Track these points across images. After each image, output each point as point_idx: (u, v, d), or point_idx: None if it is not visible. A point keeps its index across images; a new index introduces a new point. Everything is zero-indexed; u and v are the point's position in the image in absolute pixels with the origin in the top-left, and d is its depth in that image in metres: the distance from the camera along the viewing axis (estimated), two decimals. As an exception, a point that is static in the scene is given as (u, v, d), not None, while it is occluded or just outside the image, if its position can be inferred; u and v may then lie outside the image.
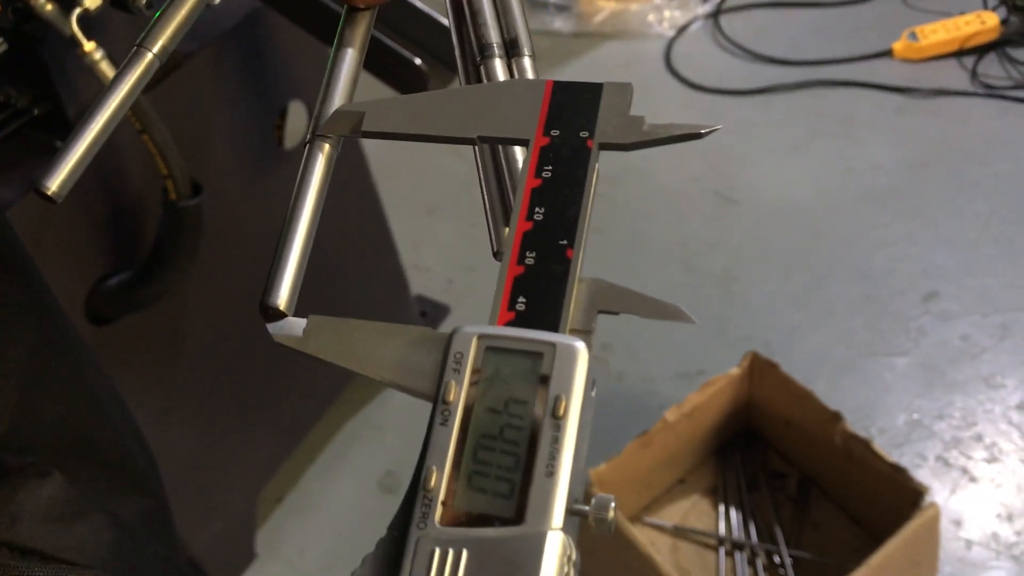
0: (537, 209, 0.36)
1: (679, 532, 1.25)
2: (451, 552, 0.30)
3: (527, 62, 0.44)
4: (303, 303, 0.43)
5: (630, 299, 0.36)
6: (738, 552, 1.23)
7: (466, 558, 0.30)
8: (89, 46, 0.78)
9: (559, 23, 2.05)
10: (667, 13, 2.02)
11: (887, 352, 1.43)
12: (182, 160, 0.86)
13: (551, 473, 0.31)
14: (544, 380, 0.32)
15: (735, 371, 1.24)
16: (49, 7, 0.81)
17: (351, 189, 1.30)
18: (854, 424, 1.17)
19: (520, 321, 0.34)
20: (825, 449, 1.20)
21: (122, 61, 0.83)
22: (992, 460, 1.30)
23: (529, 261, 0.35)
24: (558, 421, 0.31)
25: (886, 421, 1.36)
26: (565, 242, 0.35)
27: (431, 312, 1.60)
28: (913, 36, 1.86)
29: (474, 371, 0.33)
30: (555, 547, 0.30)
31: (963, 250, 1.54)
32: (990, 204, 1.61)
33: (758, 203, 1.68)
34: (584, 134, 0.37)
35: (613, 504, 0.31)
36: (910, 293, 1.50)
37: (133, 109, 0.84)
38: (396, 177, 1.78)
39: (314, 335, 0.35)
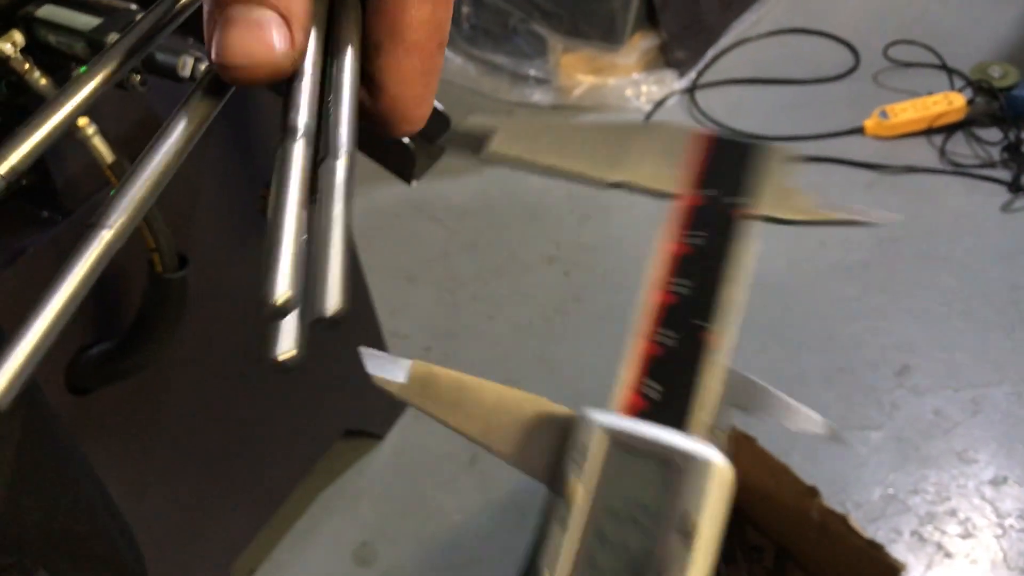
0: (680, 281, 0.31)
1: (656, 607, 1.24)
2: None
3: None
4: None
5: (770, 400, 0.32)
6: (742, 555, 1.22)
7: None
8: (83, 121, 0.79)
9: (538, 96, 2.09)
10: (644, 88, 2.07)
11: (861, 426, 1.45)
12: (169, 233, 0.87)
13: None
14: (672, 494, 0.29)
15: (712, 444, 1.25)
16: (44, 82, 0.82)
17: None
18: (829, 498, 1.17)
19: (653, 411, 0.31)
20: (802, 523, 1.21)
21: (113, 137, 0.84)
22: (967, 535, 1.31)
23: (667, 341, 0.31)
24: (687, 540, 0.28)
25: (861, 495, 1.37)
26: (701, 323, 0.30)
27: (409, 380, 1.60)
28: (884, 114, 1.91)
29: (597, 470, 0.29)
30: None
31: (933, 324, 1.57)
32: (959, 279, 1.64)
33: (733, 275, 1.70)
34: (743, 200, 0.31)
35: None
36: (883, 367, 1.52)
37: (117, 175, 0.85)
38: (374, 242, 1.79)
39: (417, 386, 0.32)
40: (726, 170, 0.32)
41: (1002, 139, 1.85)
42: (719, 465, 0.29)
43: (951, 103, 1.89)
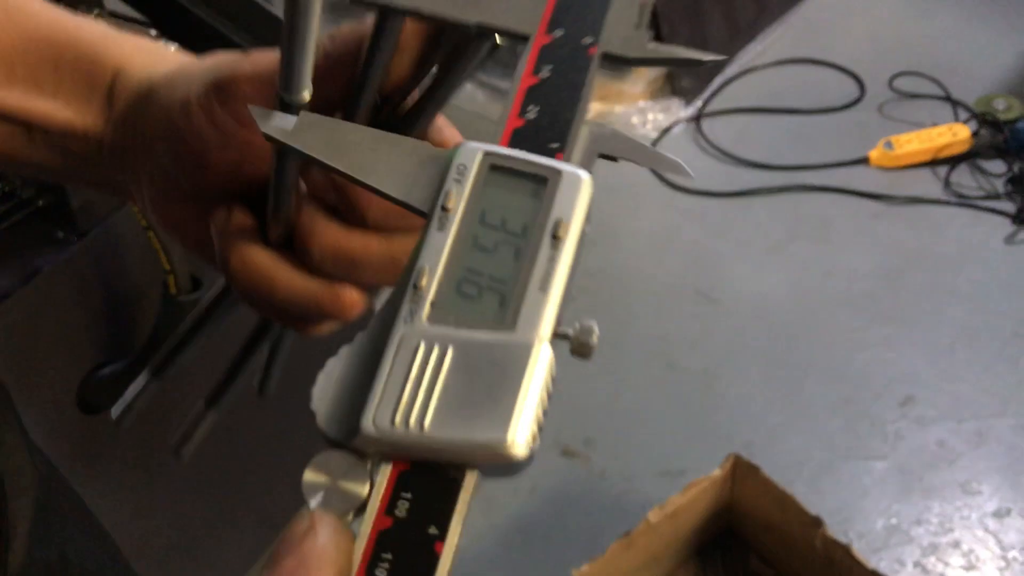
0: (530, 107, 0.34)
1: (659, 634, 1.24)
2: (436, 348, 0.29)
3: None
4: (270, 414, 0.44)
5: (629, 146, 0.35)
6: None
7: (452, 355, 0.29)
8: (102, 145, 0.80)
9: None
10: (651, 116, 2.08)
11: (865, 456, 1.45)
12: (184, 255, 0.88)
13: (544, 289, 0.30)
14: (546, 203, 0.31)
15: (717, 473, 1.25)
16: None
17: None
18: (833, 527, 1.18)
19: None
20: (806, 553, 1.21)
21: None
22: (970, 567, 1.31)
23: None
24: (557, 242, 0.31)
25: (865, 525, 1.37)
26: (556, 145, 0.34)
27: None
28: (889, 145, 1.92)
29: (475, 184, 0.32)
30: (545, 357, 0.30)
31: (938, 356, 1.58)
32: (964, 311, 1.64)
33: (738, 303, 1.71)
34: (588, 40, 0.35)
35: (596, 330, 0.31)
36: (887, 397, 1.53)
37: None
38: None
39: (305, 131, 0.33)
40: (574, 14, 0.35)
41: (1006, 171, 1.86)
42: (586, 179, 0.32)
43: (955, 135, 1.90)
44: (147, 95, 0.39)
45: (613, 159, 0.35)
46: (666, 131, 2.08)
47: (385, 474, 0.28)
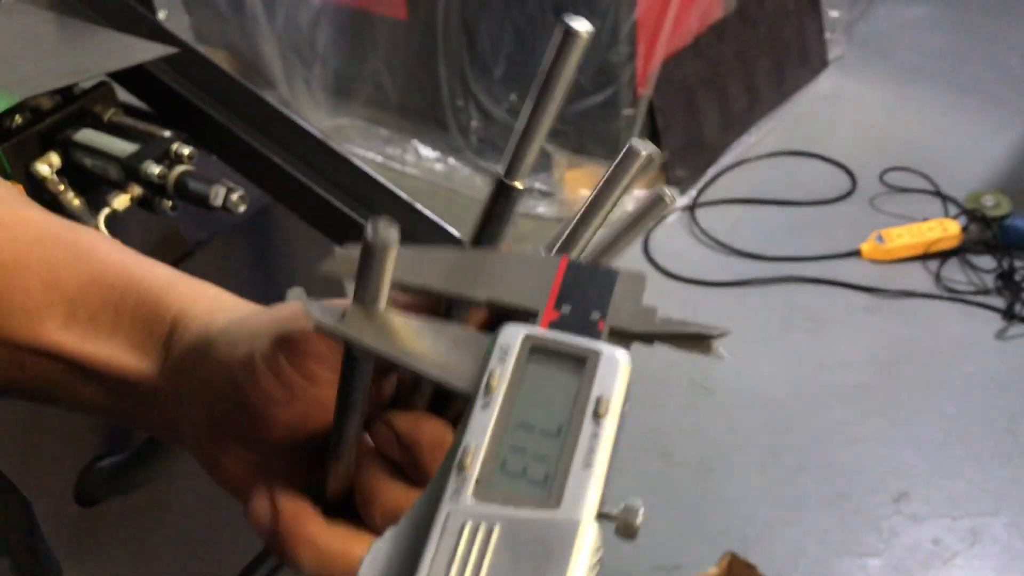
0: None
1: None
2: (483, 526, 0.29)
3: None
4: None
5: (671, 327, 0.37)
6: None
7: (498, 533, 0.29)
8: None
9: (543, 208, 2.14)
10: (646, 204, 2.11)
11: (860, 552, 1.45)
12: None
13: (588, 465, 0.31)
14: (586, 382, 0.32)
15: (714, 572, 1.25)
16: (76, 202, 0.84)
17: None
18: (830, 630, 1.17)
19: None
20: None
21: (139, 250, 0.86)
22: (966, 670, 1.30)
23: None
24: (598, 420, 0.32)
25: (860, 624, 1.36)
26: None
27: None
28: (880, 238, 1.95)
29: (517, 365, 0.32)
30: (590, 536, 0.30)
31: (932, 451, 1.58)
32: (957, 406, 1.65)
33: (733, 394, 1.72)
34: (596, 315, 0.36)
35: (642, 510, 0.31)
36: (881, 492, 1.53)
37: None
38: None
39: (354, 322, 0.33)
40: (581, 291, 0.37)
41: (996, 267, 1.89)
42: (625, 358, 0.33)
43: (946, 230, 1.94)
44: (206, 347, 0.39)
45: (650, 342, 0.37)
46: (661, 220, 2.11)
47: None
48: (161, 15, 1.65)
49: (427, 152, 2.28)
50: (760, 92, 2.32)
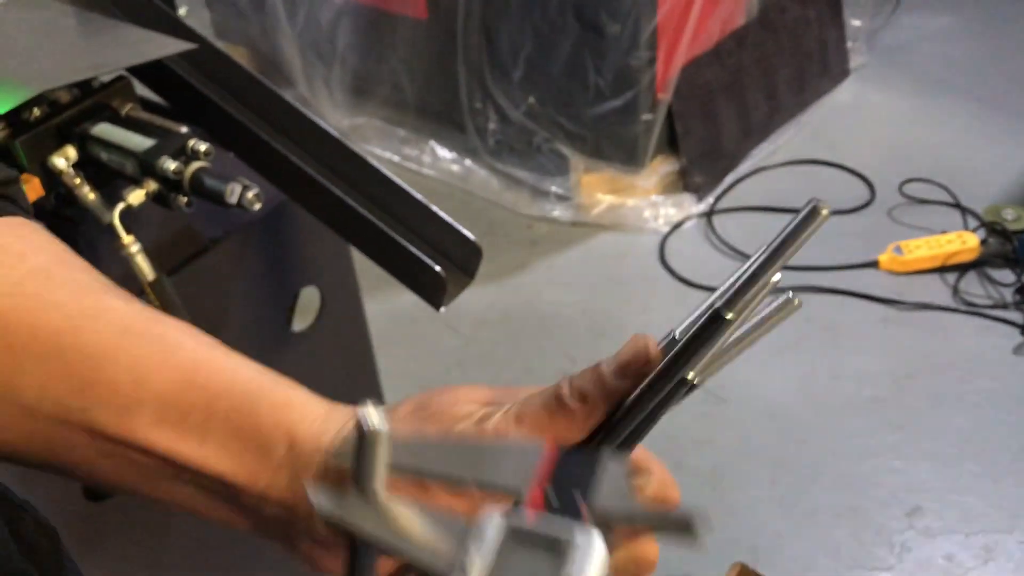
0: None
1: None
2: None
3: None
4: None
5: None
6: None
7: None
8: (128, 239, 0.81)
9: (559, 211, 2.13)
10: (663, 210, 2.10)
11: (871, 566, 1.43)
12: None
13: None
14: (562, 568, 0.33)
15: (722, 581, 1.24)
16: (92, 196, 0.84)
17: (352, 366, 1.31)
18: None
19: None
20: (811, 669, 1.19)
21: (153, 255, 0.86)
22: None
23: None
24: None
25: (870, 639, 1.35)
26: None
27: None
28: (898, 250, 1.93)
29: (497, 550, 0.34)
30: None
31: (946, 466, 1.57)
32: (972, 421, 1.64)
33: (747, 403, 1.70)
34: (579, 499, 0.38)
35: None
36: (894, 506, 1.51)
37: (156, 292, 0.87)
38: (391, 347, 1.80)
39: (353, 509, 0.36)
40: (566, 472, 0.39)
41: (1015, 281, 1.87)
42: (599, 546, 0.34)
43: (964, 243, 1.92)
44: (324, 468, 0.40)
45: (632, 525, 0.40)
46: (677, 226, 2.10)
47: None
48: (181, 11, 1.65)
49: (444, 153, 2.28)
50: (780, 100, 2.31)
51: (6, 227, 0.45)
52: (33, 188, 0.84)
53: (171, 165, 0.82)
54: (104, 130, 0.86)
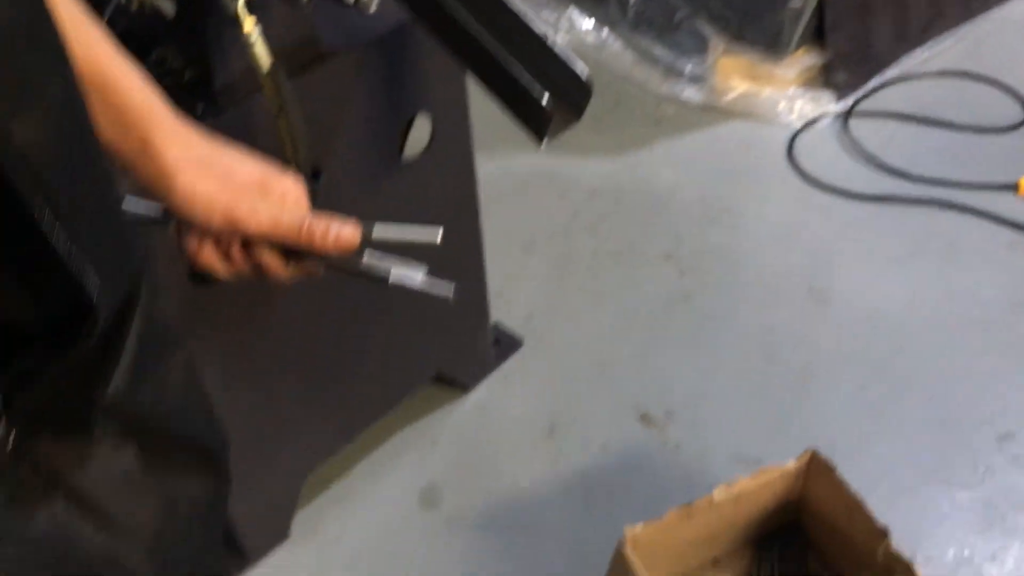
0: None
1: (702, 611, 1.24)
2: None
3: None
4: (387, 298, 0.45)
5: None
6: None
7: None
8: (249, 26, 0.83)
9: (689, 93, 2.08)
10: (798, 104, 2.03)
11: (951, 482, 1.41)
12: (308, 146, 0.91)
13: None
14: None
15: (791, 465, 1.24)
16: (220, -15, 0.86)
17: (456, 205, 1.33)
18: (900, 545, 1.15)
19: None
20: (866, 562, 1.19)
21: (275, 46, 0.88)
22: (1037, 615, 1.27)
23: None
24: None
25: (934, 551, 1.33)
26: None
27: (504, 342, 1.63)
28: (1042, 176, 1.83)
29: None
30: None
31: (1050, 398, 1.51)
32: (1087, 358, 1.57)
33: (850, 307, 1.67)
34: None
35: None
36: (985, 429, 1.47)
37: (272, 81, 0.88)
38: (499, 207, 1.82)
39: None
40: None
41: None
42: None
43: (1118, 177, 1.80)
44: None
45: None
46: (811, 123, 2.03)
47: None
48: None
49: (582, 22, 2.24)
50: (944, 6, 2.17)
51: None
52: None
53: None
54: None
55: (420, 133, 1.20)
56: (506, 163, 1.94)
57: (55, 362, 0.37)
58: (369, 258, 0.70)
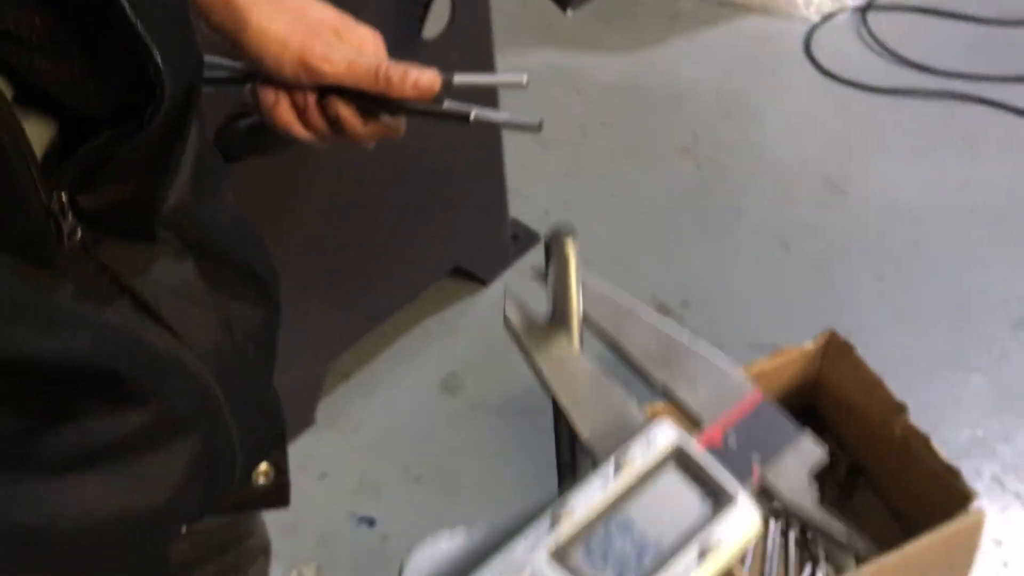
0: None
1: (720, 488, 1.27)
2: None
3: None
4: (409, 190, 0.46)
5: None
6: (773, 520, 1.24)
7: None
8: None
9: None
10: (816, -2, 2.00)
11: (965, 367, 1.42)
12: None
13: None
14: (711, 518, 0.32)
15: (810, 346, 1.25)
16: None
17: (475, 93, 1.33)
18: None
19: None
20: (882, 440, 1.21)
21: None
22: (1048, 492, 1.29)
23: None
24: (701, 560, 0.31)
25: (949, 433, 1.35)
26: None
27: (522, 237, 1.63)
28: (1065, 67, 1.81)
29: (657, 461, 0.33)
30: None
31: (1065, 286, 1.52)
32: (1103, 247, 1.57)
33: (867, 198, 1.67)
34: (755, 461, 0.38)
35: None
36: (1000, 314, 1.48)
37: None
38: (516, 104, 1.81)
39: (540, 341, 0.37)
40: (756, 429, 0.37)
41: None
42: (756, 519, 0.33)
43: None
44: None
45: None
46: (829, 17, 2.00)
47: None
48: None
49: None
50: None
51: None
52: None
53: None
54: None
55: (440, 11, 1.19)
56: (522, 60, 1.92)
57: (120, 150, 0.38)
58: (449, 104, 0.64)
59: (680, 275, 1.56)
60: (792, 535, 1.23)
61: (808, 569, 1.20)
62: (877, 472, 1.26)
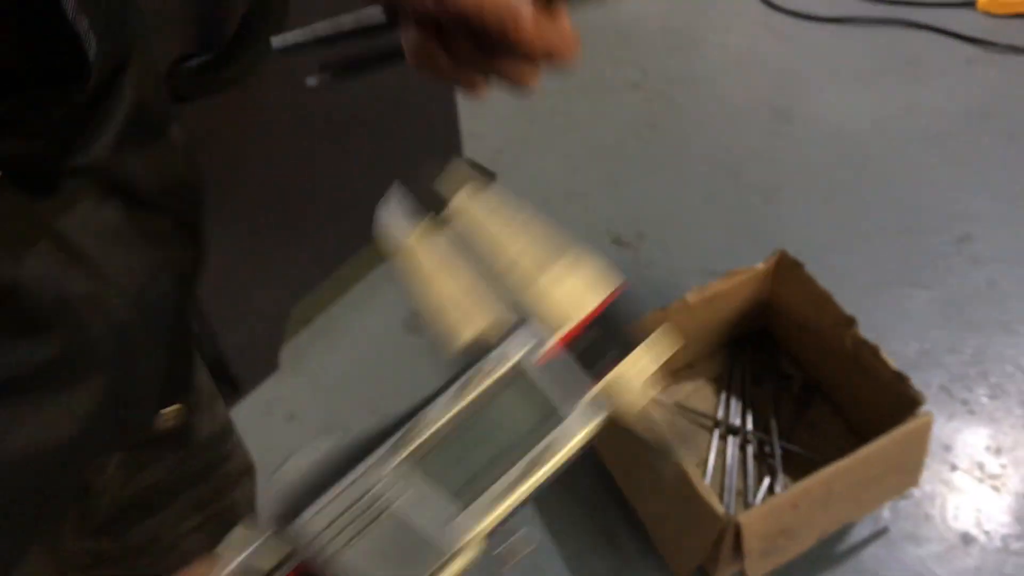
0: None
1: (678, 408, 1.31)
2: (385, 497, 0.33)
3: None
4: (363, 133, 0.46)
5: None
6: (732, 436, 1.29)
7: (398, 505, 0.33)
8: None
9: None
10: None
11: (912, 283, 1.47)
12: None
13: (499, 500, 0.33)
14: (542, 433, 0.35)
15: (761, 266, 1.29)
16: None
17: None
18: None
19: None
20: (834, 353, 1.25)
21: None
22: (993, 398, 1.34)
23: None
24: (531, 468, 0.34)
25: (897, 346, 1.40)
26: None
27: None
28: (1000, -10, 1.85)
29: (502, 377, 0.35)
30: (460, 562, 0.33)
31: (1005, 201, 1.56)
32: (1041, 163, 1.62)
33: (813, 126, 1.70)
34: (610, 359, 0.38)
35: (529, 549, 0.34)
36: (945, 233, 1.53)
37: None
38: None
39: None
40: (611, 328, 0.38)
41: (1119, 32, 1.78)
42: (582, 434, 0.35)
43: (1074, -13, 1.82)
44: None
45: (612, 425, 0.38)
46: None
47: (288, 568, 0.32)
48: None
49: None
50: None
51: None
52: None
53: None
54: None
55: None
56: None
57: (41, 109, 0.38)
58: None
59: (634, 208, 1.59)
60: (750, 450, 1.27)
61: (767, 481, 1.24)
62: (831, 386, 1.30)
